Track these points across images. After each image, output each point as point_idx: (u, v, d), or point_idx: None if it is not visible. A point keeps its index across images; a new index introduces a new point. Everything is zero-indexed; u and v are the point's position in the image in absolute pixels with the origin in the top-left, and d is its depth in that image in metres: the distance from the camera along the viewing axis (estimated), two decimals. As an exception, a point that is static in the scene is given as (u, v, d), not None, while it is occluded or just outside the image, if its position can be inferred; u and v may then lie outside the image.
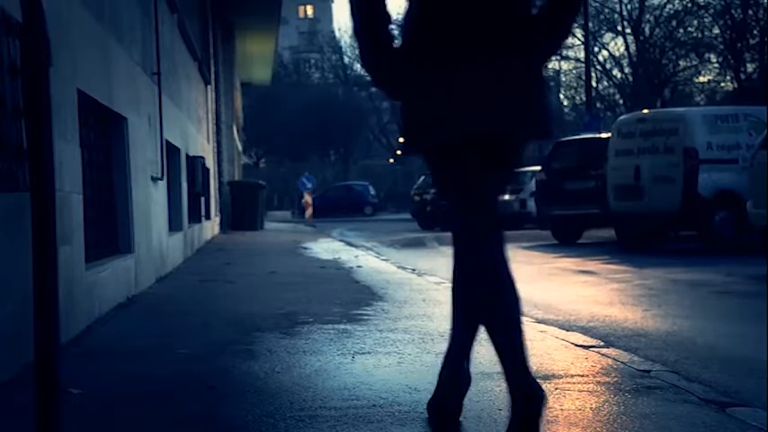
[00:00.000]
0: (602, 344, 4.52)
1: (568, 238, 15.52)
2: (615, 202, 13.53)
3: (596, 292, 7.63)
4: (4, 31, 3.28)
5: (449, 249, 2.81)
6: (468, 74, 2.56)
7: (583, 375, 3.60)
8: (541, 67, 2.71)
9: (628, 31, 38.98)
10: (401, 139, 2.79)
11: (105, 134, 6.38)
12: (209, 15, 16.55)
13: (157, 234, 8.15)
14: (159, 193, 8.41)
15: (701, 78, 39.40)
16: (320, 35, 63.81)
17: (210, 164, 16.15)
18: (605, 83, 42.01)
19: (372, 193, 42.02)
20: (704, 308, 6.71)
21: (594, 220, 14.99)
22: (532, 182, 18.91)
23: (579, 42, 39.40)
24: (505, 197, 21.96)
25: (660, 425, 2.80)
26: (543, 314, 6.07)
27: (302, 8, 77.72)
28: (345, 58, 56.95)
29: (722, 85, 38.62)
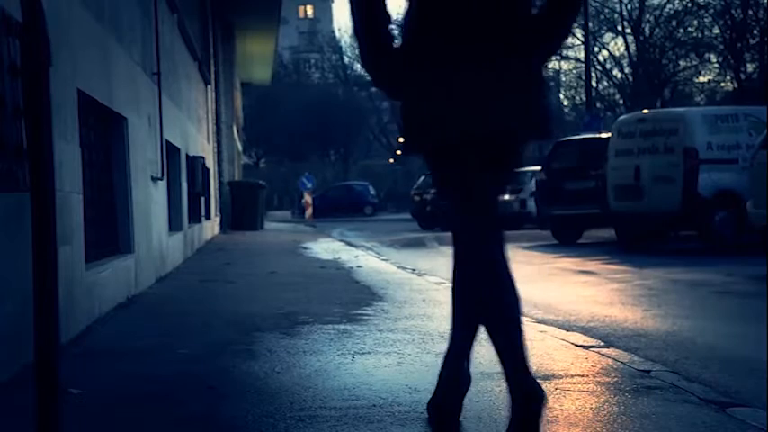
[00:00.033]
0: (602, 344, 4.52)
1: (568, 238, 15.52)
2: (615, 202, 13.54)
3: (596, 292, 7.63)
4: (4, 31, 3.28)
5: (449, 249, 2.80)
6: (468, 74, 2.56)
7: (583, 375, 3.60)
8: (541, 67, 2.71)
9: (628, 31, 38.99)
10: (401, 139, 2.79)
11: (105, 134, 6.38)
12: (209, 15, 16.55)
13: (157, 234, 8.15)
14: (159, 193, 8.41)
15: (701, 78, 39.42)
16: (320, 35, 63.82)
17: (210, 164, 16.15)
18: (605, 83, 42.03)
19: (372, 193, 42.03)
20: (704, 308, 6.71)
21: (594, 220, 14.99)
22: (532, 182, 18.90)
23: (579, 42, 39.40)
24: (505, 197, 21.99)
25: (660, 425, 2.80)
26: (543, 314, 6.07)
27: (302, 8, 77.73)
28: (345, 58, 56.96)
29: (722, 85, 38.63)
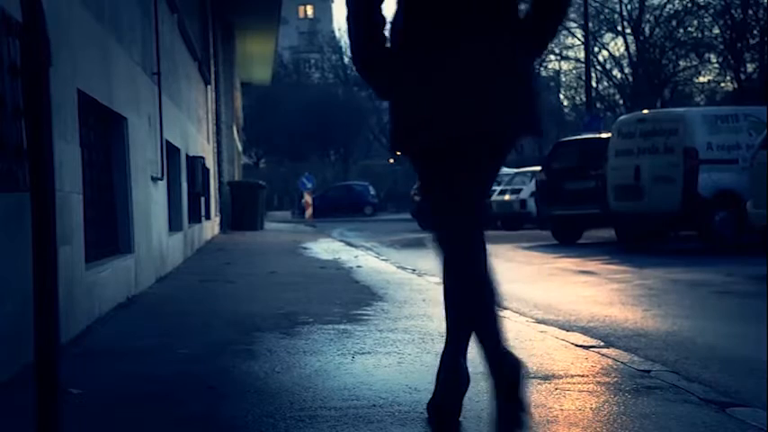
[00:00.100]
0: (602, 344, 4.52)
1: (568, 238, 15.52)
2: (615, 202, 13.54)
3: (596, 292, 7.63)
4: (4, 31, 3.28)
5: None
6: (456, 74, 2.59)
7: (583, 375, 3.60)
8: (530, 66, 2.74)
9: (628, 31, 39.01)
10: (391, 139, 2.81)
11: (105, 134, 6.38)
12: (209, 15, 16.56)
13: (157, 234, 8.15)
14: (159, 193, 8.41)
15: (701, 78, 39.46)
16: (320, 35, 63.83)
17: (210, 164, 16.15)
18: (605, 83, 42.07)
19: (372, 193, 42.03)
20: (704, 308, 6.71)
21: (594, 220, 15.00)
22: (532, 182, 18.91)
23: (579, 42, 39.47)
24: (505, 197, 22.00)
25: (660, 425, 2.80)
26: (543, 314, 6.07)
27: (302, 8, 77.75)
28: (345, 59, 56.94)
29: (722, 85, 38.66)
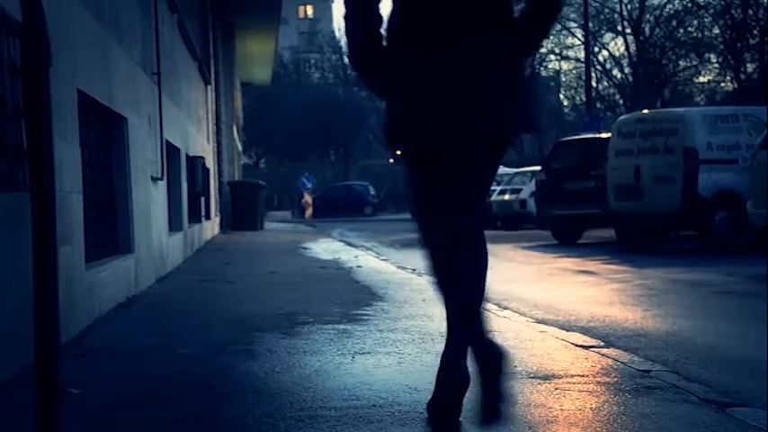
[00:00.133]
0: (602, 344, 4.52)
1: (568, 238, 15.52)
2: (615, 202, 13.54)
3: (596, 292, 7.63)
4: (4, 31, 3.28)
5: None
6: (451, 75, 2.60)
7: (583, 375, 3.60)
8: (523, 64, 2.76)
9: (628, 31, 39.02)
10: (386, 138, 2.84)
11: (105, 134, 6.38)
12: (209, 15, 16.55)
13: (157, 234, 8.15)
14: (159, 193, 8.41)
15: (701, 78, 39.48)
16: (320, 35, 63.84)
17: (210, 164, 16.15)
18: (605, 83, 42.08)
19: (372, 193, 42.01)
20: (704, 308, 6.71)
21: (594, 220, 15.00)
22: (532, 182, 18.91)
23: (579, 42, 39.46)
24: (505, 197, 22.00)
25: (660, 425, 2.80)
26: (543, 314, 6.07)
27: (302, 8, 77.74)
28: (345, 59, 56.87)
29: (722, 85, 38.66)
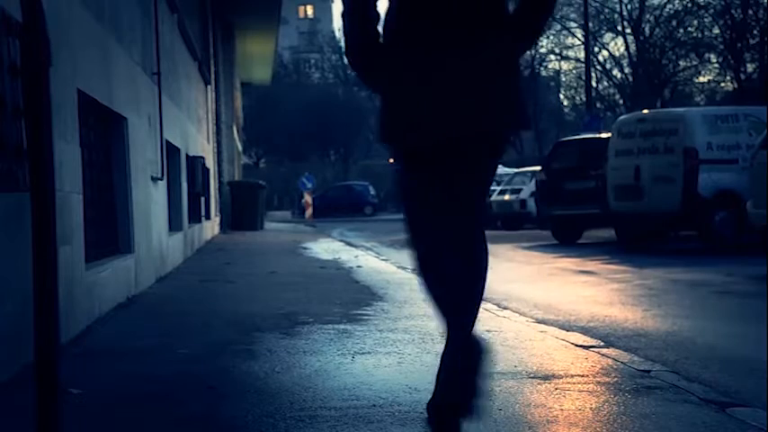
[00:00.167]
0: (602, 344, 4.52)
1: (568, 238, 15.52)
2: (615, 202, 13.54)
3: (596, 292, 7.63)
4: (4, 31, 3.28)
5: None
6: (446, 74, 2.61)
7: (583, 375, 3.60)
8: (517, 62, 2.78)
9: (628, 31, 39.03)
10: (381, 135, 2.85)
11: (105, 134, 6.38)
12: (209, 15, 16.56)
13: (157, 234, 8.15)
14: (159, 193, 8.41)
15: (701, 78, 39.49)
16: (320, 35, 63.85)
17: (210, 164, 16.16)
18: (605, 83, 42.10)
19: (372, 193, 42.00)
20: (704, 308, 6.71)
21: (594, 220, 15.00)
22: (532, 182, 18.91)
23: (579, 42, 39.47)
24: (505, 197, 22.00)
25: (660, 425, 2.80)
26: (543, 314, 6.07)
27: (302, 8, 77.73)
28: (345, 58, 56.99)
29: (722, 85, 38.67)
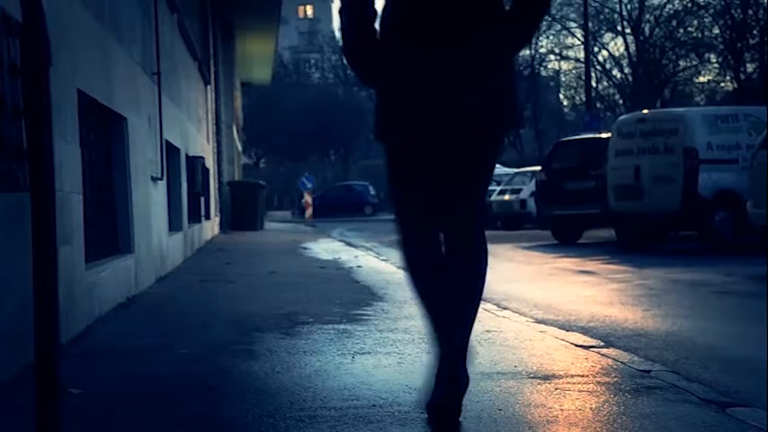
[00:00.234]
0: (602, 344, 4.52)
1: (568, 238, 15.52)
2: (615, 202, 13.54)
3: (596, 292, 7.63)
4: (4, 31, 3.28)
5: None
6: (442, 73, 2.62)
7: (583, 375, 3.60)
8: (512, 60, 2.80)
9: (628, 31, 39.04)
10: (375, 132, 2.87)
11: (105, 134, 6.38)
12: (209, 15, 16.56)
13: (157, 234, 8.15)
14: (159, 193, 8.41)
15: (701, 78, 39.50)
16: (320, 35, 63.89)
17: (210, 164, 16.16)
18: (605, 83, 42.10)
19: (372, 193, 42.00)
20: (704, 308, 6.71)
21: (594, 220, 15.00)
22: (532, 182, 18.91)
23: (579, 42, 39.46)
24: (505, 197, 22.00)
25: (660, 425, 2.79)
26: (543, 314, 6.07)
27: (302, 8, 77.76)
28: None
29: (722, 85, 38.68)
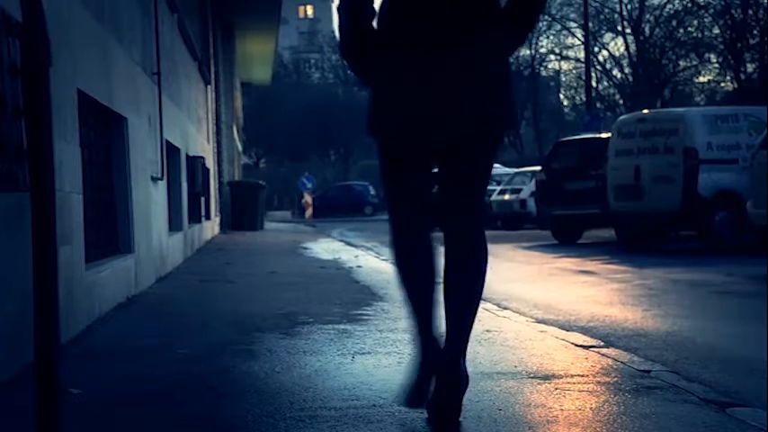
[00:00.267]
0: (602, 344, 4.52)
1: (568, 238, 15.52)
2: (615, 202, 13.54)
3: (596, 292, 7.63)
4: (4, 31, 3.28)
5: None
6: (438, 72, 2.62)
7: (583, 375, 3.60)
8: (508, 59, 2.79)
9: (628, 31, 39.04)
10: (369, 131, 2.88)
11: (105, 134, 6.38)
12: (209, 15, 16.56)
13: (157, 234, 8.15)
14: (159, 193, 8.41)
15: (701, 78, 39.51)
16: (320, 35, 63.89)
17: (210, 164, 16.15)
18: (605, 83, 42.11)
19: (372, 193, 41.98)
20: (704, 308, 6.71)
21: (594, 220, 15.00)
22: (532, 182, 18.91)
23: (579, 42, 39.48)
24: (505, 197, 22.00)
25: (660, 425, 2.79)
26: (543, 314, 6.07)
27: (302, 8, 77.76)
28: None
29: (722, 85, 38.68)
